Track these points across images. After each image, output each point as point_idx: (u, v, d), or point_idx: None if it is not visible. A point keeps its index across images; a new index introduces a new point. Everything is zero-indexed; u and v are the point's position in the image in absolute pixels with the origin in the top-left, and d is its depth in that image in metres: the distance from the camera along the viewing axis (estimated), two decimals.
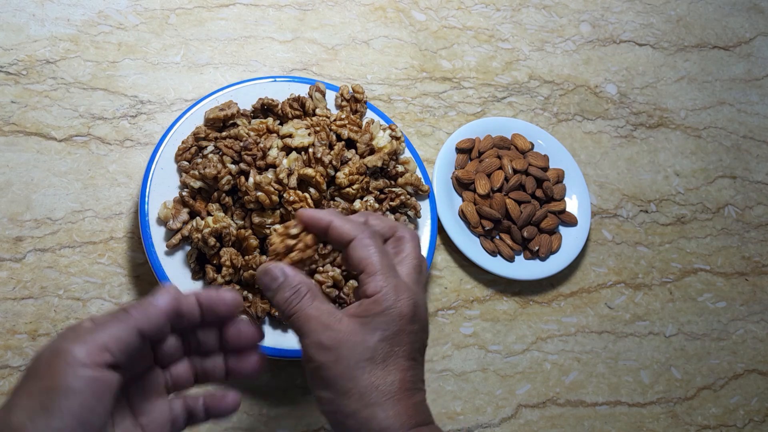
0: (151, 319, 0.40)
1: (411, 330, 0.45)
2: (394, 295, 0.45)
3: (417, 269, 0.48)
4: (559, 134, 0.83)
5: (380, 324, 0.44)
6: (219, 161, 0.61)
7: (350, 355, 0.43)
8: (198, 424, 0.47)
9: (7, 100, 0.67)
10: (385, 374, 0.44)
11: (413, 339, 0.45)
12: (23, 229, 0.63)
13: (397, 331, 0.44)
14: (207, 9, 0.77)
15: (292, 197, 0.58)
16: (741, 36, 0.97)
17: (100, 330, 0.39)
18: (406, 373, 0.45)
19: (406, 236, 0.49)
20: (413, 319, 0.45)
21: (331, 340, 0.43)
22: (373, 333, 0.44)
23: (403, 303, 0.45)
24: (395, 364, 0.44)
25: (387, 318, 0.44)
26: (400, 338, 0.45)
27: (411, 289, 0.46)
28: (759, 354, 0.79)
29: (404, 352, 0.45)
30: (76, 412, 0.37)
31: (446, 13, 0.86)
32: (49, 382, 0.37)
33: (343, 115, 0.66)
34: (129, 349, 0.39)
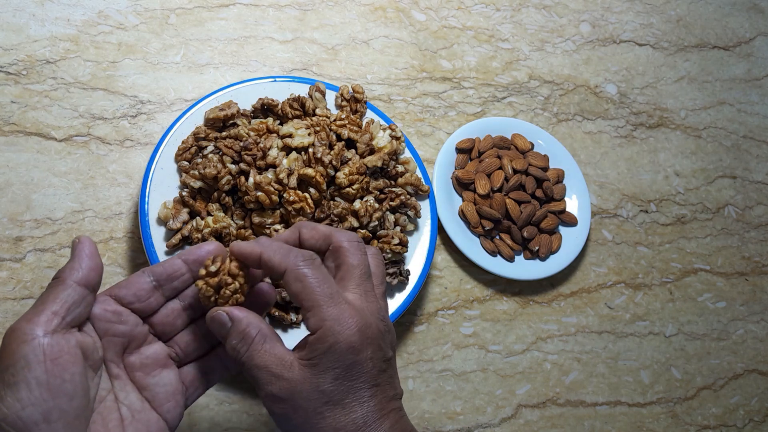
0: (83, 268, 0.41)
1: (365, 357, 0.42)
2: (338, 326, 0.41)
3: (363, 277, 0.44)
4: (559, 134, 0.83)
5: (329, 363, 0.41)
6: (219, 161, 0.61)
7: (306, 405, 0.41)
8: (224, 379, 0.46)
9: (7, 100, 0.67)
10: (347, 413, 0.42)
11: (370, 365, 0.42)
12: (23, 229, 0.63)
13: (349, 365, 0.42)
14: (207, 9, 0.77)
15: (292, 197, 0.58)
16: (741, 36, 0.97)
17: (41, 303, 0.40)
18: (369, 403, 0.42)
19: (344, 245, 0.45)
20: (363, 344, 0.42)
21: (284, 392, 0.42)
22: (324, 375, 0.41)
23: (350, 332, 0.41)
24: (356, 399, 0.42)
25: (335, 355, 0.41)
26: (355, 370, 0.42)
27: (357, 310, 0.42)
28: (759, 354, 0.79)
29: (363, 383, 0.42)
30: (42, 379, 0.38)
31: (446, 13, 0.86)
32: (7, 361, 0.38)
33: (343, 115, 0.66)
34: (77, 304, 0.40)
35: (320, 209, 0.60)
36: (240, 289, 0.44)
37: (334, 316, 0.41)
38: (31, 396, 0.38)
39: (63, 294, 0.40)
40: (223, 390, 0.62)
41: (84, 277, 0.41)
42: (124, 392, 0.43)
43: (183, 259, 0.44)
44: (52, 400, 0.38)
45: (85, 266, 0.41)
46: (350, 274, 0.44)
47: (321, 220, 0.60)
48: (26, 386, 0.38)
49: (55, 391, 0.38)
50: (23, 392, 0.38)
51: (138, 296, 0.43)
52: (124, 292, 0.43)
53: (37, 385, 0.38)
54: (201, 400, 0.61)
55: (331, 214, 0.60)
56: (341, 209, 0.60)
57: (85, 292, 0.41)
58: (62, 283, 0.41)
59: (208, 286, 0.43)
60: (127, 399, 0.43)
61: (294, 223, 0.58)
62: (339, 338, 0.41)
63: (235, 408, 0.62)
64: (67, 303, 0.40)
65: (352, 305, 0.42)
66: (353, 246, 0.45)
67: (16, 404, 0.37)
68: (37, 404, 0.38)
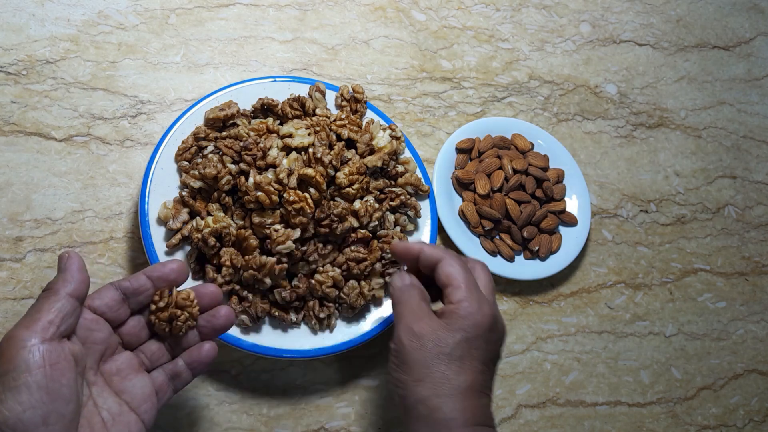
0: (73, 282, 0.45)
1: (488, 338, 0.51)
2: (477, 305, 0.51)
3: (492, 291, 0.55)
4: (559, 134, 0.83)
5: (462, 327, 0.50)
6: (219, 161, 0.61)
7: (432, 346, 0.49)
8: (187, 384, 0.51)
9: (7, 100, 0.67)
10: (459, 371, 0.49)
11: (489, 347, 0.51)
12: (23, 229, 0.63)
13: (475, 336, 0.50)
14: (207, 9, 0.77)
15: (292, 197, 0.58)
16: (741, 36, 0.97)
17: (36, 312, 0.43)
18: (477, 375, 0.50)
19: (477, 265, 0.56)
20: (492, 328, 0.51)
21: (420, 329, 0.50)
22: (455, 333, 0.50)
23: (485, 313, 0.51)
24: (470, 364, 0.49)
25: (469, 323, 0.50)
26: (478, 343, 0.50)
27: (491, 303, 0.53)
28: (759, 354, 0.79)
29: (479, 356, 0.50)
30: (42, 383, 0.40)
31: (446, 13, 0.86)
32: (7, 366, 0.40)
33: (343, 115, 0.66)
34: (69, 315, 0.43)
35: (320, 209, 0.60)
36: (191, 317, 0.49)
37: (475, 296, 0.52)
38: (32, 399, 0.39)
39: (57, 305, 0.43)
40: (223, 390, 0.62)
41: (75, 290, 0.44)
42: (102, 398, 0.45)
43: (148, 275, 0.48)
44: (50, 404, 0.40)
45: (77, 279, 0.45)
46: (483, 282, 0.55)
47: (321, 220, 0.60)
48: (27, 390, 0.39)
49: (54, 395, 0.40)
50: (24, 395, 0.39)
51: (110, 307, 0.47)
52: (98, 303, 0.47)
53: (38, 389, 0.40)
54: (201, 400, 0.61)
55: (331, 214, 0.60)
56: (341, 209, 0.60)
57: (76, 304, 0.44)
58: (55, 294, 0.44)
59: (160, 320, 0.49)
60: (105, 404, 0.45)
61: (294, 223, 0.58)
62: (477, 313, 0.51)
63: (235, 408, 0.62)
64: (61, 313, 0.43)
65: (490, 303, 0.53)
66: (485, 267, 0.57)
67: (17, 407, 0.39)
68: (37, 407, 0.39)
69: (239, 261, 0.58)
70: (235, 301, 0.59)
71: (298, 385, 0.64)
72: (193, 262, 0.60)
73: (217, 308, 0.51)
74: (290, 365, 0.64)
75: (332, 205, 0.61)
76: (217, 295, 0.51)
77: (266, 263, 0.57)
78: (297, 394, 0.64)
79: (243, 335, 0.59)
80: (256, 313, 0.59)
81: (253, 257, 0.58)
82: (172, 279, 0.49)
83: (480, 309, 0.51)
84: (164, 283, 0.49)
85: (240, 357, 0.63)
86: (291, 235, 0.58)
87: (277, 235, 0.58)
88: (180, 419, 0.60)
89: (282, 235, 0.58)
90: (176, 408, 0.60)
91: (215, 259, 0.59)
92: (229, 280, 0.59)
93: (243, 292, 0.59)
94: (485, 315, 0.51)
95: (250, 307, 0.59)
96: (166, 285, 0.49)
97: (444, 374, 0.49)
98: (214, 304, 0.51)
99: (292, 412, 0.63)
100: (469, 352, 0.50)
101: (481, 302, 0.52)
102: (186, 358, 0.50)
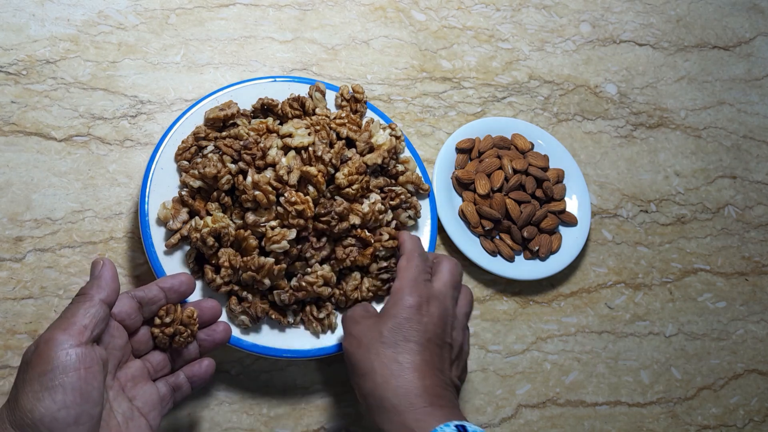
0: (107, 289, 0.47)
1: (419, 320, 0.52)
2: (407, 292, 0.54)
3: (448, 283, 0.56)
4: (559, 134, 0.83)
5: (393, 313, 0.53)
6: (219, 160, 0.61)
7: (368, 340, 0.52)
8: (187, 397, 0.53)
9: (7, 100, 0.67)
10: (395, 355, 0.51)
11: (421, 328, 0.52)
12: (23, 229, 0.63)
13: (405, 319, 0.52)
14: (207, 9, 0.77)
15: (294, 198, 0.58)
16: (741, 36, 0.97)
17: (72, 316, 0.45)
18: (416, 356, 0.51)
19: (444, 260, 0.58)
20: (420, 310, 0.53)
21: (356, 330, 0.54)
22: (386, 322, 0.53)
23: (413, 297, 0.53)
24: (405, 347, 0.51)
25: (397, 309, 0.53)
26: (409, 325, 0.52)
27: (427, 290, 0.55)
28: (759, 354, 0.79)
29: (414, 338, 0.52)
30: (76, 384, 0.42)
31: (446, 13, 0.86)
32: (45, 366, 0.42)
33: (343, 114, 0.66)
34: (102, 321, 0.46)
35: (321, 205, 0.60)
36: (191, 334, 0.52)
37: (409, 285, 0.54)
38: (67, 399, 0.41)
39: (92, 310, 0.45)
40: (223, 390, 0.62)
41: (108, 297, 0.47)
42: (117, 402, 0.47)
43: (160, 286, 0.51)
44: (82, 405, 0.42)
45: (110, 287, 0.47)
46: (440, 277, 0.57)
47: (322, 215, 0.59)
48: (63, 390, 0.41)
49: (86, 397, 0.42)
50: (60, 395, 0.41)
51: (128, 314, 0.49)
52: (118, 310, 0.49)
53: (72, 390, 0.42)
54: (201, 400, 0.61)
55: (332, 211, 0.60)
56: (342, 208, 0.60)
57: (107, 310, 0.47)
58: (90, 299, 0.46)
59: (164, 334, 0.51)
60: (120, 407, 0.47)
61: (291, 224, 0.58)
62: (405, 299, 0.53)
63: (235, 408, 0.62)
64: (95, 319, 0.45)
65: (429, 288, 0.55)
66: (452, 264, 0.58)
67: (53, 405, 0.41)
68: (71, 407, 0.41)
69: (237, 262, 0.58)
70: (235, 302, 0.59)
71: (298, 385, 0.64)
72: (192, 262, 0.60)
73: (216, 323, 0.55)
74: (290, 365, 0.64)
75: (334, 204, 0.60)
76: (217, 310, 0.54)
77: (265, 264, 0.57)
78: (297, 394, 0.64)
79: (243, 335, 0.59)
80: (256, 314, 0.59)
81: (252, 258, 0.58)
82: (182, 291, 0.52)
83: (409, 293, 0.54)
84: (175, 294, 0.52)
85: (240, 357, 0.63)
86: (287, 234, 0.58)
87: (272, 234, 0.57)
88: (180, 419, 0.60)
89: (278, 235, 0.57)
90: (176, 408, 0.60)
91: (214, 259, 0.59)
92: (228, 281, 0.59)
93: (242, 293, 0.59)
94: (412, 297, 0.53)
95: (249, 308, 0.59)
96: (176, 296, 0.52)
97: (382, 362, 0.51)
98: (215, 318, 0.54)
99: (292, 412, 0.63)
100: (403, 335, 0.52)
101: (413, 288, 0.54)
102: (187, 372, 0.53)
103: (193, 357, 0.54)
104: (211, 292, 0.59)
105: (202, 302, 0.55)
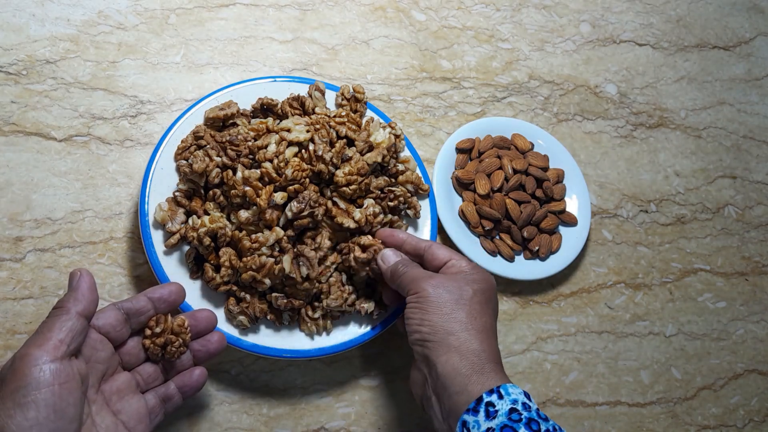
0: (84, 301, 0.46)
1: (496, 298, 0.57)
2: (482, 271, 0.57)
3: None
4: (559, 134, 0.83)
5: (475, 281, 0.55)
6: (205, 155, 0.60)
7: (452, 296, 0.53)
8: (178, 408, 0.53)
9: (7, 100, 0.67)
10: (479, 316, 0.53)
11: (496, 306, 0.56)
12: (23, 229, 0.63)
13: (486, 290, 0.55)
14: (207, 9, 0.77)
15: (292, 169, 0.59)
16: (741, 36, 0.97)
17: (48, 330, 0.44)
18: (494, 322, 0.55)
19: (443, 247, 0.60)
20: (495, 292, 0.57)
21: (438, 281, 0.54)
22: (470, 286, 0.54)
23: (490, 276, 0.57)
24: (488, 311, 0.54)
25: (479, 281, 0.55)
26: (488, 297, 0.55)
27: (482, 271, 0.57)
28: (759, 354, 0.79)
29: (492, 309, 0.55)
30: (50, 401, 0.41)
31: (446, 13, 0.86)
32: (18, 383, 0.41)
33: (342, 113, 0.66)
34: (79, 334, 0.45)
35: (297, 199, 0.59)
36: (183, 343, 0.52)
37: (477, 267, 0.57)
38: (39, 416, 0.40)
39: (68, 324, 0.44)
40: (223, 390, 0.62)
41: (85, 309, 0.46)
42: (100, 416, 0.47)
43: (148, 297, 0.50)
44: (56, 422, 0.41)
45: (87, 299, 0.46)
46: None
47: (299, 213, 0.59)
48: (35, 406, 0.40)
49: (60, 414, 0.41)
50: (32, 412, 0.40)
51: (113, 326, 0.48)
52: (102, 322, 0.48)
53: (45, 407, 0.41)
54: (201, 400, 0.61)
55: (309, 201, 0.59)
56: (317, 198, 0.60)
57: (85, 323, 0.45)
58: (66, 313, 0.45)
59: (155, 345, 0.50)
60: (103, 422, 0.46)
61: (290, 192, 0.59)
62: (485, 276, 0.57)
63: (235, 408, 0.62)
64: (72, 332, 0.44)
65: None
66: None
67: (25, 423, 0.40)
68: (43, 425, 0.41)
69: (238, 263, 0.58)
70: (233, 303, 0.59)
71: (298, 385, 0.64)
72: (191, 262, 0.60)
73: (211, 333, 0.54)
74: (290, 365, 0.64)
75: (306, 195, 0.60)
76: (212, 319, 0.54)
77: (265, 264, 0.57)
78: (297, 394, 0.64)
79: (243, 335, 0.59)
80: (255, 314, 0.59)
81: (252, 258, 0.58)
82: (172, 300, 0.51)
83: (486, 273, 0.57)
84: (164, 304, 0.51)
85: (240, 357, 0.63)
86: (266, 240, 0.58)
87: (254, 239, 0.58)
88: (180, 419, 0.60)
89: (262, 238, 0.58)
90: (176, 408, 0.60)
91: (212, 257, 0.59)
92: (227, 281, 0.59)
93: (240, 293, 0.59)
94: (491, 278, 0.57)
95: (248, 308, 0.59)
96: (165, 306, 0.51)
97: (467, 317, 0.52)
98: (210, 328, 0.54)
99: (292, 412, 0.63)
100: (483, 304, 0.54)
101: (474, 267, 0.57)
102: (178, 383, 0.52)
103: (186, 367, 0.53)
104: (210, 292, 0.59)
105: (197, 312, 0.54)
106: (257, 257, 0.58)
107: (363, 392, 0.65)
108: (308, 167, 0.60)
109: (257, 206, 0.59)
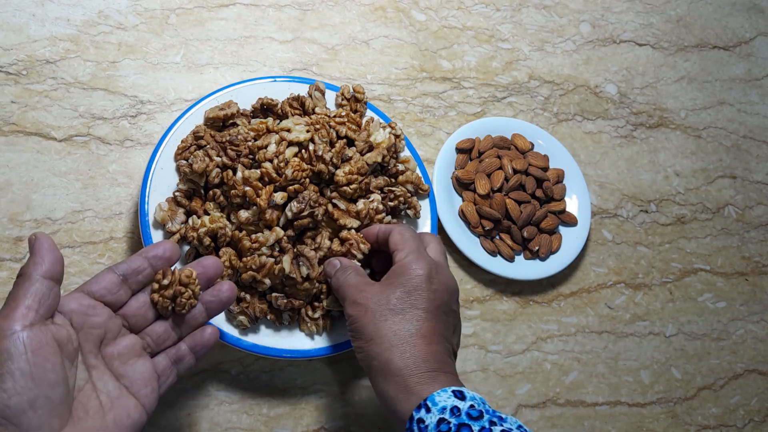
0: (45, 263, 0.44)
1: (428, 288, 0.54)
2: (414, 262, 0.55)
3: (442, 254, 0.58)
4: (559, 134, 0.83)
5: (401, 282, 0.54)
6: (205, 155, 0.60)
7: (376, 307, 0.53)
8: (190, 368, 0.51)
9: (7, 100, 0.67)
10: (404, 322, 0.52)
11: (431, 296, 0.53)
12: (23, 229, 0.63)
13: (414, 287, 0.53)
14: (207, 9, 0.77)
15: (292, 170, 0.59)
16: (741, 36, 0.97)
17: (12, 300, 0.43)
18: (423, 323, 0.52)
19: (427, 236, 0.60)
20: (430, 279, 0.54)
21: (362, 299, 0.54)
22: (395, 289, 0.53)
23: (422, 267, 0.54)
24: (413, 315, 0.52)
25: (406, 277, 0.54)
26: (418, 294, 0.53)
27: (432, 260, 0.56)
28: (759, 354, 0.79)
29: (422, 306, 0.53)
30: (25, 369, 0.40)
31: (446, 13, 0.86)
32: None
33: (342, 113, 0.66)
34: (47, 296, 0.43)
35: (296, 199, 0.59)
36: (194, 294, 0.50)
37: (414, 256, 0.55)
38: (17, 386, 0.40)
39: (32, 288, 0.43)
40: (223, 390, 0.62)
41: (48, 270, 0.44)
42: (102, 381, 0.46)
43: (143, 256, 0.49)
44: (36, 389, 0.40)
45: (48, 260, 0.44)
46: (432, 248, 0.58)
47: (299, 213, 0.59)
48: (11, 377, 0.40)
49: (39, 380, 0.41)
50: (8, 383, 0.40)
51: (108, 289, 0.47)
52: (95, 287, 0.47)
53: (21, 376, 0.40)
54: (201, 401, 0.61)
55: (309, 201, 0.59)
56: (345, 208, 0.60)
57: (51, 284, 0.44)
58: (29, 278, 0.43)
59: (164, 298, 0.49)
60: (105, 387, 0.46)
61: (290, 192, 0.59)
62: (414, 268, 0.54)
63: (235, 408, 0.62)
64: (37, 296, 0.43)
65: (431, 258, 0.56)
66: (437, 237, 0.61)
67: (3, 394, 0.40)
68: (22, 393, 0.40)
69: (237, 263, 0.58)
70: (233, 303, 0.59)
71: (298, 385, 0.64)
72: (191, 262, 0.60)
73: (220, 283, 0.52)
74: (290, 365, 0.65)
75: (306, 195, 0.60)
76: (219, 266, 0.52)
77: (265, 264, 0.57)
78: (297, 394, 0.64)
79: (243, 335, 0.59)
80: (255, 314, 0.59)
81: (252, 258, 0.58)
82: (167, 257, 0.50)
83: (417, 263, 0.55)
84: (160, 262, 0.49)
85: (240, 357, 0.63)
86: (266, 240, 0.58)
87: (254, 239, 0.58)
88: (180, 419, 0.60)
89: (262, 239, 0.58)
90: (176, 408, 0.60)
91: None
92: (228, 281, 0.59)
93: (240, 293, 0.59)
94: (422, 268, 0.54)
95: (248, 308, 0.59)
96: (162, 263, 0.49)
97: (390, 328, 0.51)
98: (217, 275, 0.52)
99: (292, 412, 0.63)
100: (411, 303, 0.53)
101: (419, 258, 0.55)
102: (189, 342, 0.51)
103: (200, 323, 0.51)
104: None
105: (202, 260, 0.52)
106: (257, 257, 0.58)
107: (363, 392, 0.65)
108: (308, 167, 0.60)
109: (257, 206, 0.59)
